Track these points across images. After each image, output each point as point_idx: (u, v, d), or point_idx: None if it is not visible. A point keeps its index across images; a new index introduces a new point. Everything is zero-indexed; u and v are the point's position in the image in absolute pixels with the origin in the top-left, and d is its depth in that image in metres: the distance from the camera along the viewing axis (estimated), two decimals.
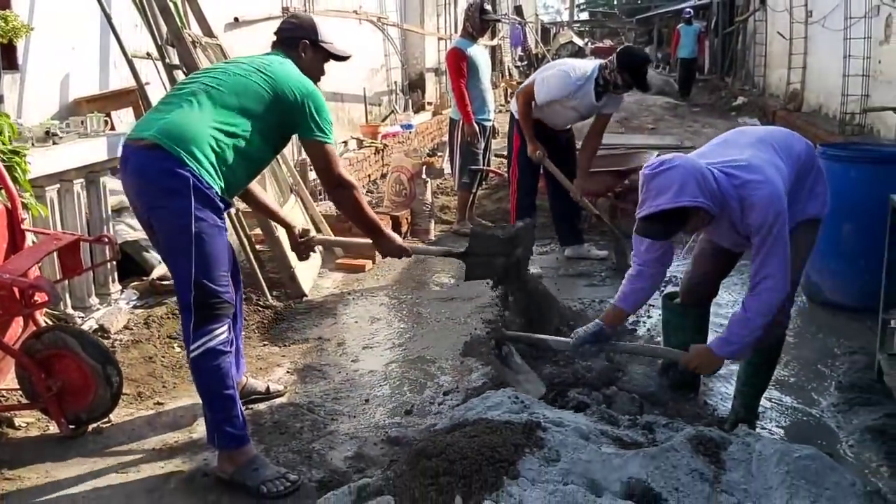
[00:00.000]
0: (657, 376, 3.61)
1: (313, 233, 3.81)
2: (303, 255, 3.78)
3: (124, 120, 5.35)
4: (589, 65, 5.47)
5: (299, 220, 4.25)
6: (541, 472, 2.22)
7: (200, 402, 3.15)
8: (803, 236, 3.06)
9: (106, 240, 3.54)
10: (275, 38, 3.39)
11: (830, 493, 2.26)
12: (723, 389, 3.72)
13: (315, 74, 3.37)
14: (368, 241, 3.52)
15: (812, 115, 12.76)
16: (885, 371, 3.56)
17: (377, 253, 3.73)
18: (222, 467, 3.02)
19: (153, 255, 4.96)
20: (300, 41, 3.31)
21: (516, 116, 5.68)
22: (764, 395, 3.63)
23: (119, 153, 4.66)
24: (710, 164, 2.84)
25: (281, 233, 5.08)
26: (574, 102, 5.42)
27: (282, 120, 3.09)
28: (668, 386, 3.51)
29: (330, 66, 3.49)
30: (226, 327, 2.96)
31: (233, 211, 5.10)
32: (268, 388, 3.75)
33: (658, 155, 2.98)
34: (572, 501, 2.10)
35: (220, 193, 2.94)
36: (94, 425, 3.39)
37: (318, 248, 5.40)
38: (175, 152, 2.81)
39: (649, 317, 4.70)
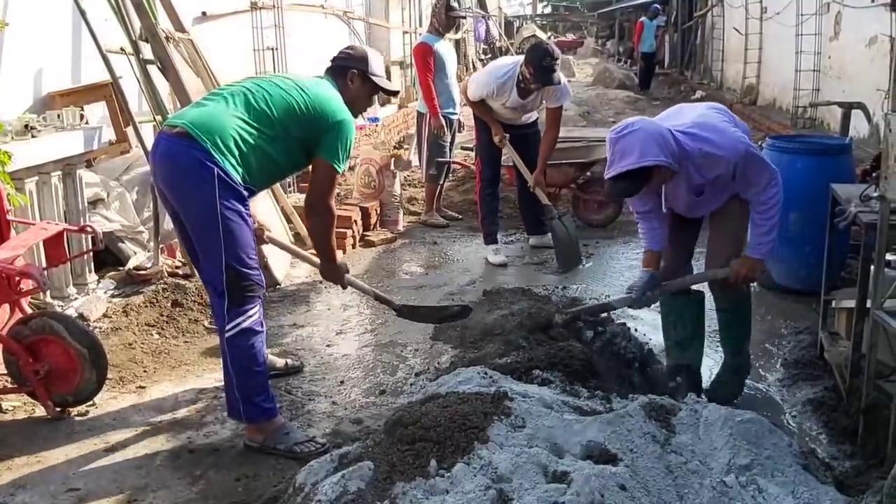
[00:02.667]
0: (666, 377, 3.65)
1: (268, 231, 4.00)
2: None
3: (96, 114, 5.43)
4: (512, 62, 5.59)
5: (259, 208, 4.29)
6: (508, 437, 2.42)
7: (176, 386, 3.39)
8: (740, 205, 3.39)
9: (89, 229, 3.67)
10: (329, 64, 3.55)
11: (769, 452, 2.49)
12: None
13: (360, 105, 3.54)
14: (315, 259, 3.73)
15: (767, 108, 13.13)
16: (826, 348, 3.82)
17: (345, 244, 3.94)
18: (252, 436, 3.26)
19: (128, 246, 5.08)
20: (350, 70, 3.46)
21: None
22: (715, 372, 3.89)
23: (95, 146, 4.81)
24: (671, 126, 3.15)
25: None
26: (502, 99, 5.59)
27: (309, 136, 3.23)
28: (676, 389, 3.50)
29: (297, 63, 3.66)
30: (257, 307, 3.19)
31: None
32: (286, 363, 4.00)
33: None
34: (537, 462, 2.31)
35: (243, 183, 3.11)
36: (80, 408, 3.52)
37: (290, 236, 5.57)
38: (202, 141, 3.00)
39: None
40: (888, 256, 3.21)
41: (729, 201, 3.41)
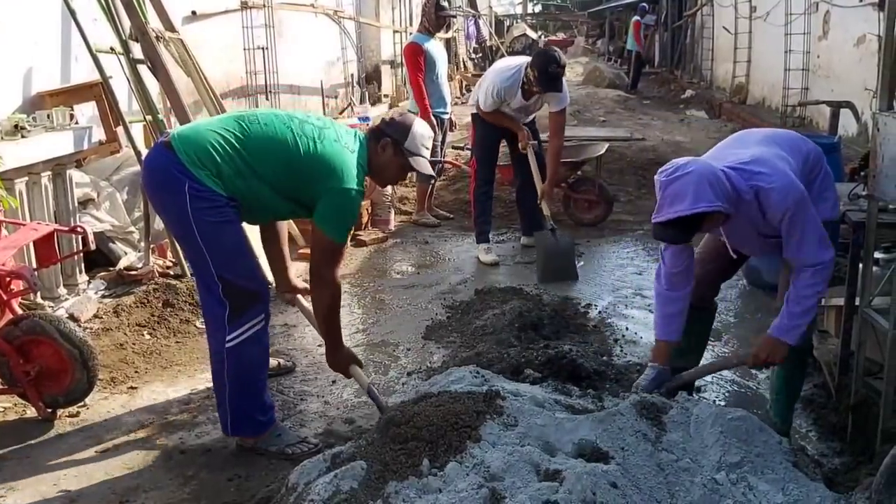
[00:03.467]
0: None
1: (299, 295, 3.74)
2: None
3: (86, 114, 5.41)
4: (516, 65, 5.58)
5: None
6: (500, 435, 2.43)
7: (168, 386, 3.50)
8: None
9: (80, 230, 3.66)
10: (371, 126, 3.37)
11: (759, 450, 2.51)
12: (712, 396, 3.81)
13: (387, 176, 3.33)
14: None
15: (756, 107, 13.20)
16: (815, 345, 3.84)
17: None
18: (244, 440, 3.22)
19: (119, 247, 5.06)
20: (384, 137, 3.21)
21: (476, 112, 5.87)
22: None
23: (85, 146, 4.80)
24: (722, 165, 2.86)
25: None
26: (509, 104, 5.61)
27: (302, 189, 3.04)
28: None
29: (287, 62, 3.58)
30: (261, 316, 3.07)
31: None
32: (279, 363, 3.98)
33: (673, 162, 2.82)
34: (529, 461, 2.32)
35: (226, 196, 2.96)
36: (71, 409, 3.51)
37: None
38: (180, 153, 2.93)
39: (601, 299, 4.97)
40: (876, 255, 3.24)
41: None
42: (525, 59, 5.59)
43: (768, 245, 3.05)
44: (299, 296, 3.71)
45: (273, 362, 3.92)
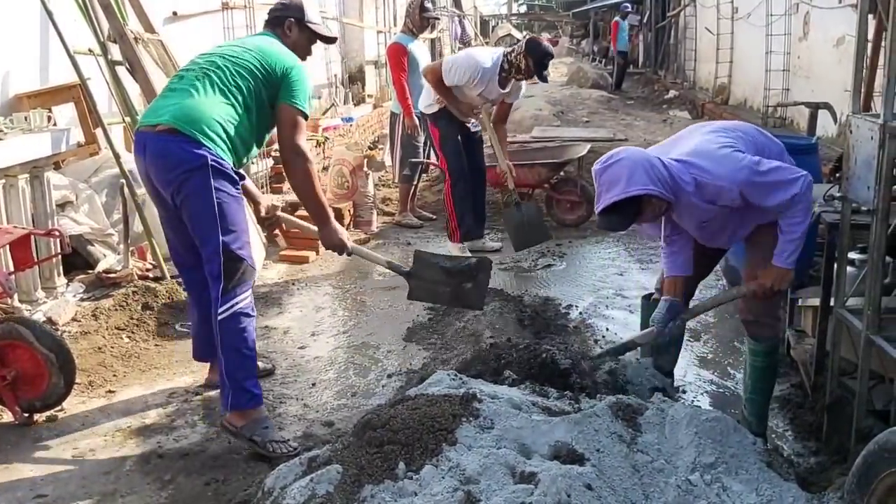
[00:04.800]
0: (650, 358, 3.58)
1: (280, 211, 3.99)
2: (267, 230, 3.99)
3: (64, 115, 5.37)
4: (495, 51, 5.67)
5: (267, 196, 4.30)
6: (476, 438, 2.43)
7: (146, 390, 3.52)
8: (773, 234, 3.07)
9: (56, 233, 3.63)
10: (266, 18, 3.61)
11: (733, 450, 2.53)
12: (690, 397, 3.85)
13: (300, 52, 3.55)
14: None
15: (738, 108, 13.28)
16: (792, 345, 3.88)
17: (320, 244, 3.87)
18: (232, 421, 3.24)
19: (98, 249, 5.03)
20: (286, 20, 3.53)
21: (426, 112, 5.89)
22: (686, 371, 3.94)
23: (63, 148, 4.76)
24: (668, 154, 2.95)
25: None
26: (480, 88, 5.57)
27: (271, 93, 3.31)
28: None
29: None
30: (249, 292, 3.26)
31: None
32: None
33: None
34: (504, 463, 2.32)
35: (233, 167, 3.24)
36: (48, 413, 3.49)
37: (262, 237, 5.55)
38: (192, 134, 3.11)
39: (582, 300, 4.99)
40: (851, 255, 3.27)
41: (765, 226, 3.09)
42: (498, 50, 5.67)
43: (712, 233, 3.13)
44: (279, 212, 3.97)
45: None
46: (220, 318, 3.17)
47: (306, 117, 3.37)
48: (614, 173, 2.82)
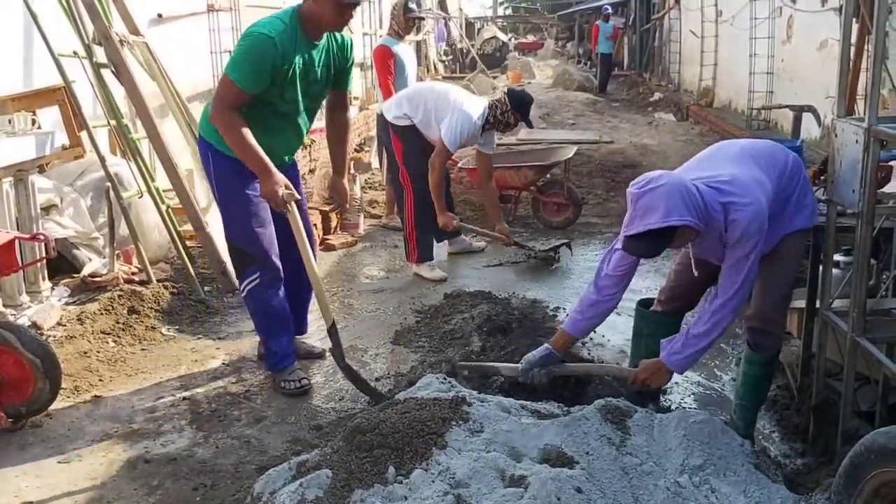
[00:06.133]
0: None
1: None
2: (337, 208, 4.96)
3: (49, 118, 5.33)
4: (479, 105, 5.54)
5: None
6: (466, 442, 2.44)
7: (133, 394, 3.63)
8: (791, 247, 3.07)
9: (42, 237, 3.60)
10: None
11: (721, 452, 2.55)
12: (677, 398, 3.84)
13: (326, 20, 3.42)
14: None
15: (723, 110, 13.38)
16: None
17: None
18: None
19: (83, 253, 4.99)
20: None
21: (393, 123, 5.59)
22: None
23: (47, 151, 4.73)
24: (695, 180, 2.85)
25: (212, 228, 5.18)
26: (473, 141, 5.59)
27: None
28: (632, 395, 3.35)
29: None
30: (256, 275, 3.65)
31: (163, 207, 5.19)
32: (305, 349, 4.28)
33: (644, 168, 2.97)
34: (494, 467, 2.33)
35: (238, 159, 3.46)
36: (34, 419, 3.46)
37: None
38: (202, 132, 3.63)
39: (569, 302, 5.00)
40: (836, 257, 3.30)
41: (779, 243, 3.04)
42: (480, 102, 5.59)
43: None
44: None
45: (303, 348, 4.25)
46: (241, 295, 3.80)
47: (237, 84, 3.34)
48: (652, 199, 2.71)
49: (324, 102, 3.97)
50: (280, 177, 3.44)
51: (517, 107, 5.45)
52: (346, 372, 3.67)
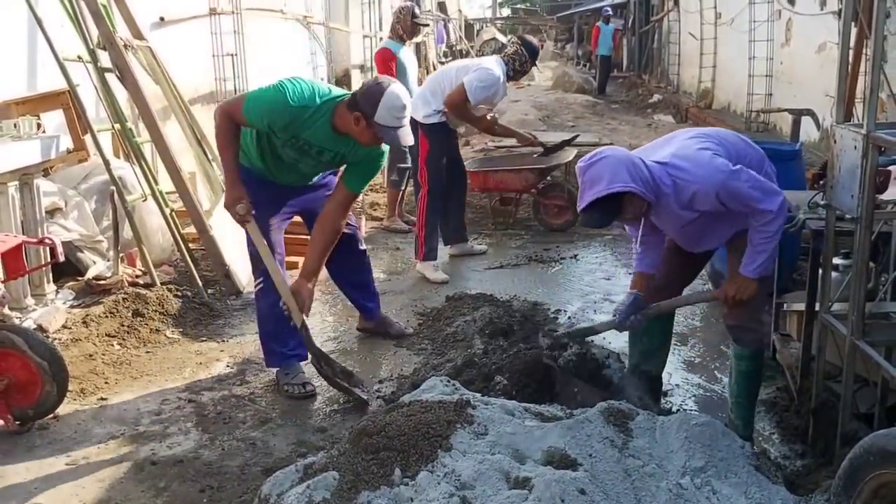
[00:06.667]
0: (627, 376, 3.58)
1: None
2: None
3: (53, 122, 5.36)
4: (497, 60, 5.81)
5: None
6: (471, 444, 2.47)
7: (138, 397, 3.65)
8: None
9: (49, 241, 3.64)
10: (354, 92, 3.54)
11: (722, 454, 2.58)
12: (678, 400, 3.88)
13: (364, 140, 3.53)
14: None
15: (722, 112, 13.41)
16: (778, 349, 3.94)
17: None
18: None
19: (87, 256, 5.03)
20: (357, 111, 3.42)
21: (423, 122, 5.65)
22: (674, 375, 3.99)
23: (52, 154, 4.77)
24: (646, 159, 2.99)
25: (216, 231, 5.22)
26: (497, 98, 5.84)
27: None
28: (636, 389, 3.43)
29: (256, 68, 3.86)
30: (261, 279, 3.79)
31: (167, 210, 5.22)
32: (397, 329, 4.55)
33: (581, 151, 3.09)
34: (499, 469, 2.37)
35: (256, 173, 3.72)
36: (41, 421, 3.49)
37: None
38: None
39: (570, 304, 5.03)
40: (835, 260, 3.33)
41: (745, 232, 3.09)
42: (492, 60, 5.83)
43: (692, 237, 3.19)
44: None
45: (394, 328, 4.54)
46: (254, 292, 3.97)
47: (242, 109, 3.49)
48: (597, 171, 2.89)
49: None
50: (240, 192, 3.60)
51: (532, 55, 5.78)
52: (323, 375, 3.83)
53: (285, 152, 3.66)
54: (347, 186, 3.74)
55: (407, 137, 3.56)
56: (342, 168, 3.83)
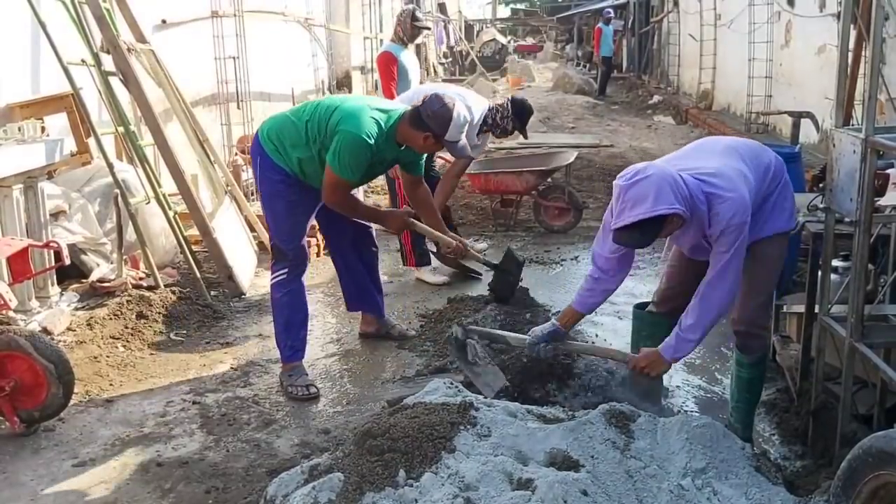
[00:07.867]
0: (624, 380, 3.60)
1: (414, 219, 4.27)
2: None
3: (56, 125, 5.39)
4: (481, 104, 5.46)
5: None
6: (474, 446, 2.50)
7: (143, 399, 3.68)
8: (772, 249, 3.13)
9: (54, 245, 3.66)
10: (415, 106, 3.80)
11: (723, 455, 2.61)
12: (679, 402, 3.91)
13: (415, 145, 3.84)
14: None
15: (721, 113, 13.44)
16: (777, 351, 3.97)
17: (311, 253, 4.29)
18: (281, 369, 4.06)
19: (91, 258, 5.05)
20: (427, 132, 3.73)
21: None
22: (674, 377, 4.02)
23: (56, 158, 4.79)
24: (681, 171, 2.88)
25: (218, 233, 5.25)
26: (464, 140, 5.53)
27: (326, 135, 3.70)
28: (633, 393, 3.43)
29: (258, 70, 3.91)
30: (284, 271, 3.96)
31: (170, 213, 5.25)
32: (399, 330, 4.61)
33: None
34: (502, 470, 2.40)
35: (287, 171, 3.82)
36: (47, 423, 3.51)
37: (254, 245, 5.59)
38: (260, 134, 3.91)
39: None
40: (834, 262, 3.35)
41: (759, 246, 3.09)
42: (482, 102, 5.51)
43: (698, 247, 3.12)
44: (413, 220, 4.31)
45: (396, 329, 4.61)
46: (270, 285, 4.06)
47: (342, 177, 3.69)
48: (642, 190, 2.75)
49: None
50: (400, 213, 4.26)
51: (518, 114, 5.51)
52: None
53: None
54: (415, 174, 4.13)
55: (471, 148, 4.09)
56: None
